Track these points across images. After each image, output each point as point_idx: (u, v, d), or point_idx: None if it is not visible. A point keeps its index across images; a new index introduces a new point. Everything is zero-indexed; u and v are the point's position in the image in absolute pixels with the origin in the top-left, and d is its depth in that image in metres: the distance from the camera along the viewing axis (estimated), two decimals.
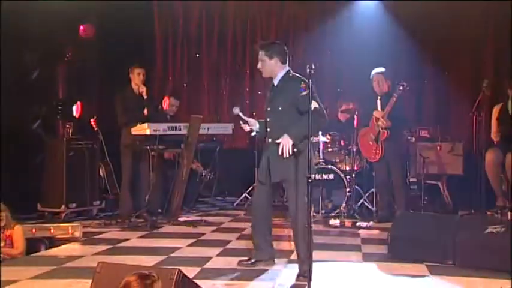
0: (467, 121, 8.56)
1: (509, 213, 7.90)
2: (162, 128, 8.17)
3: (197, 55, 11.28)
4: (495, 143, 8.18)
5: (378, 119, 8.35)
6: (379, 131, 8.41)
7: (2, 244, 6.26)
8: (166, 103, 9.38)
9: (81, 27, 9.67)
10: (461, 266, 5.91)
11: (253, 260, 5.87)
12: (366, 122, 8.82)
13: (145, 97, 8.56)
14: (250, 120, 5.74)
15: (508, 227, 6.03)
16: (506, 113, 8.22)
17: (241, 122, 5.73)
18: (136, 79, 8.57)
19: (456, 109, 9.86)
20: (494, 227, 6.06)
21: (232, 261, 6.20)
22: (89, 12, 9.47)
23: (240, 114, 5.70)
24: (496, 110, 8.34)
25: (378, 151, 8.55)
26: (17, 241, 6.36)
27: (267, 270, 5.84)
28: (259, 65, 5.72)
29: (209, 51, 11.18)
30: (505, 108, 8.23)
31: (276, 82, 5.71)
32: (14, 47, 8.67)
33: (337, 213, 8.80)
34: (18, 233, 6.41)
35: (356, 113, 8.99)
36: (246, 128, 5.72)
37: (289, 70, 5.69)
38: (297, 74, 5.63)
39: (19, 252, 6.37)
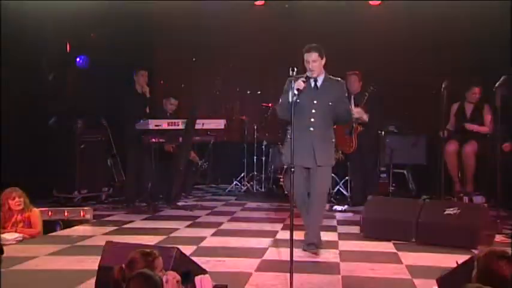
0: (429, 116, 8.61)
1: (465, 198, 7.98)
2: (162, 124, 8.19)
3: (193, 59, 11.24)
4: (443, 136, 8.24)
5: None
6: (353, 126, 8.44)
7: (21, 225, 6.26)
8: (166, 102, 9.37)
9: (92, 34, 9.66)
10: (423, 243, 5.98)
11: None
12: None
13: (147, 96, 8.58)
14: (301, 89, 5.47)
15: (463, 209, 6.12)
16: (463, 111, 8.29)
17: (304, 78, 5.45)
18: (141, 80, 8.60)
19: (420, 106, 9.91)
20: (452, 209, 6.14)
21: (224, 241, 6.24)
22: (97, 22, 9.43)
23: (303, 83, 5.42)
24: (453, 108, 8.40)
25: (351, 144, 8.56)
26: (35, 222, 6.36)
27: (255, 248, 5.87)
28: (312, 65, 5.57)
29: (204, 55, 11.15)
30: (462, 106, 8.29)
31: (320, 80, 5.69)
32: (32, 53, 8.65)
33: None
34: (36, 215, 6.41)
35: None
36: (301, 85, 5.41)
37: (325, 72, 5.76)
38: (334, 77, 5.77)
39: (37, 232, 6.36)
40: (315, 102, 5.62)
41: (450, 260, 4.35)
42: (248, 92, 11.02)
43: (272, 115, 10.13)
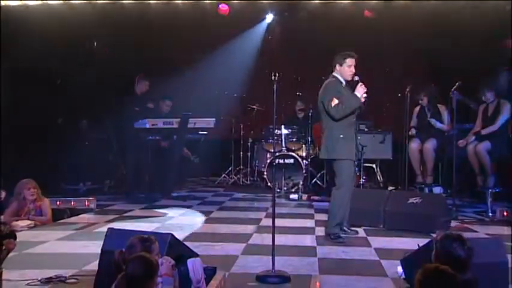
0: (395, 117, 8.66)
1: (426, 189, 8.05)
2: (158, 123, 8.19)
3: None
4: (415, 134, 8.31)
5: None
6: None
7: (33, 213, 6.28)
8: (162, 103, 9.34)
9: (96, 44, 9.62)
10: (389, 229, 6.04)
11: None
12: (318, 118, 8.86)
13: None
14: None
15: (424, 199, 6.18)
16: (424, 112, 8.36)
17: (362, 87, 5.55)
18: (143, 88, 8.61)
19: (387, 108, 9.97)
20: (414, 198, 6.20)
21: (214, 227, 6.25)
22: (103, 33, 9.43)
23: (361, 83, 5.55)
24: (415, 110, 8.47)
25: None
26: (45, 211, 6.38)
27: (241, 233, 5.88)
28: (353, 68, 5.60)
29: (194, 62, 11.12)
30: (422, 108, 8.37)
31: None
32: (42, 60, 8.61)
33: (296, 189, 8.84)
34: (47, 204, 6.42)
35: (311, 111, 9.03)
36: (363, 89, 5.54)
37: None
38: None
39: (47, 220, 6.38)
40: None
41: (412, 243, 4.40)
42: (235, 95, 11.01)
43: (257, 115, 10.18)
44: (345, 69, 5.61)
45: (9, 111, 8.10)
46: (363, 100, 5.55)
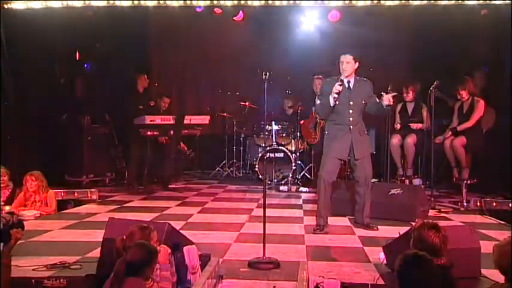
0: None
1: (406, 181, 8.08)
2: (156, 119, 8.17)
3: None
4: (397, 129, 8.32)
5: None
6: (317, 121, 8.49)
7: (39, 204, 6.29)
8: (160, 101, 9.33)
9: (97, 44, 9.56)
10: (372, 218, 6.04)
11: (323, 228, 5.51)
12: (306, 115, 8.89)
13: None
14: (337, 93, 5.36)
15: (404, 190, 6.21)
16: (405, 110, 8.38)
17: (340, 82, 5.34)
18: (144, 83, 8.59)
19: None
20: (395, 190, 6.23)
21: (208, 217, 6.24)
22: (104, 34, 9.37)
23: (339, 87, 5.32)
24: (397, 107, 8.48)
25: (315, 136, 8.61)
26: (51, 202, 6.38)
27: (234, 223, 5.88)
28: (345, 66, 5.41)
29: (190, 63, 11.09)
30: (404, 105, 8.38)
31: (352, 82, 5.50)
32: (46, 61, 8.57)
33: (285, 181, 8.85)
34: (52, 195, 6.42)
35: (300, 108, 9.04)
36: (338, 88, 5.30)
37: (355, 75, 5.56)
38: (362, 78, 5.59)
39: (52, 210, 6.38)
40: (351, 103, 5.46)
41: (393, 231, 4.41)
42: (228, 93, 11.00)
43: (248, 112, 10.16)
44: (341, 68, 5.51)
45: (17, 110, 8.07)
46: (334, 91, 5.33)
